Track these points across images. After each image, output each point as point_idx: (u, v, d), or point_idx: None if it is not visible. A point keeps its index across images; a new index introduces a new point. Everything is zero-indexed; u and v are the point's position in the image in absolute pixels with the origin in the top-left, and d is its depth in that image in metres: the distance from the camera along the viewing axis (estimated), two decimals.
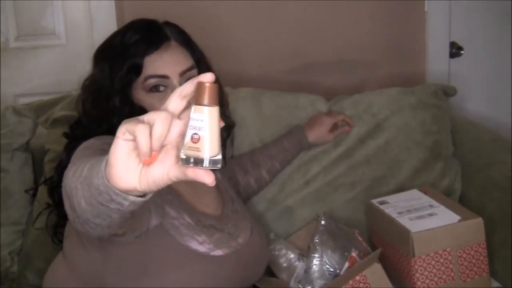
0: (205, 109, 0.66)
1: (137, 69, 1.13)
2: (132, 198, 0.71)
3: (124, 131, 0.66)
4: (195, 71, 1.17)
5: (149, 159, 0.66)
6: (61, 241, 1.21)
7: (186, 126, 0.68)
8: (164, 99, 1.12)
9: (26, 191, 1.50)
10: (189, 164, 0.66)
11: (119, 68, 1.13)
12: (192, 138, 0.66)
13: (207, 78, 0.68)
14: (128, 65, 1.13)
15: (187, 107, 0.69)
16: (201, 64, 1.21)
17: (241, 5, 1.95)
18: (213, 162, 0.67)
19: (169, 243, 1.08)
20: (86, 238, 1.06)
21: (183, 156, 0.67)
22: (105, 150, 0.97)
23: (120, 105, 1.14)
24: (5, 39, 1.95)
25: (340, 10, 1.99)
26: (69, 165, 0.89)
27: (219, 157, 0.67)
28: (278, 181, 1.57)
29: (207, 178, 0.66)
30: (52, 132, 1.57)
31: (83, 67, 1.23)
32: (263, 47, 1.99)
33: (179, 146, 0.68)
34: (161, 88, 1.13)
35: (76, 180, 0.78)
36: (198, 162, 0.66)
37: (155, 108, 1.11)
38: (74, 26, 1.97)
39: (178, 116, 0.68)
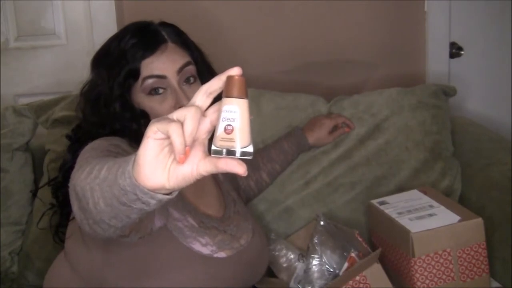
0: (237, 101, 0.67)
1: (135, 74, 1.12)
2: (159, 196, 0.70)
3: (156, 130, 0.66)
4: (192, 67, 1.16)
5: (184, 156, 0.66)
6: (62, 241, 1.21)
7: (212, 123, 0.69)
8: (164, 101, 1.12)
9: (31, 191, 1.50)
10: (221, 155, 0.67)
11: (117, 75, 1.12)
12: (225, 129, 0.67)
13: (235, 71, 0.68)
14: (125, 71, 1.12)
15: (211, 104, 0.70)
16: (199, 63, 1.20)
17: (242, 5, 1.95)
18: (245, 153, 0.68)
19: (172, 245, 1.07)
20: (89, 238, 1.06)
21: (215, 148, 0.68)
22: (112, 151, 0.98)
23: (121, 110, 1.13)
24: (5, 39, 1.95)
25: (340, 10, 1.98)
26: (77, 166, 0.88)
27: (250, 148, 0.68)
28: (278, 182, 1.57)
29: (240, 168, 0.66)
30: (52, 132, 1.57)
31: (83, 67, 1.22)
32: (263, 47, 1.99)
33: (205, 142, 0.69)
34: (160, 91, 1.13)
35: (92, 181, 0.77)
36: (231, 153, 0.67)
37: (155, 111, 1.12)
38: (74, 26, 1.97)
39: (204, 113, 0.69)
